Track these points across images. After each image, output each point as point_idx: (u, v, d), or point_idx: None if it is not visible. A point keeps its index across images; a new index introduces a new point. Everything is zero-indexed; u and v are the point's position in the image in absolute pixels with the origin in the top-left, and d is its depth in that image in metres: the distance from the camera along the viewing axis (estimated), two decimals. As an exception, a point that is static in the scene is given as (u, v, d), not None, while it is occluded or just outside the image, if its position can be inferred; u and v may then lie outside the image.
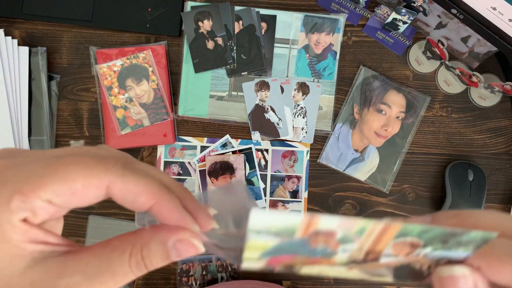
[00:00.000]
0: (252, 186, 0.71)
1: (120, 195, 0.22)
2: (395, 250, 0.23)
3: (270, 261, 0.24)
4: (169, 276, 0.71)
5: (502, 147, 0.73)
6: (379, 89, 0.72)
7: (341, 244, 0.23)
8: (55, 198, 0.21)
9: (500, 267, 0.21)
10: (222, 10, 0.70)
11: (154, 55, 0.70)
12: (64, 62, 0.72)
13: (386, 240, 0.22)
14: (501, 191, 0.73)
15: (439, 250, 0.23)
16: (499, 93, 0.72)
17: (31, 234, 0.21)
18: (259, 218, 0.21)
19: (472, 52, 0.70)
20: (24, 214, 0.20)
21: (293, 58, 0.71)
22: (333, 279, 0.72)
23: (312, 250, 0.23)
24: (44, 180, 0.20)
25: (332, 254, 0.23)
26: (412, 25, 0.72)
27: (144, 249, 0.22)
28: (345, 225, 0.21)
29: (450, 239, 0.22)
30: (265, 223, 0.21)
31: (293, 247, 0.22)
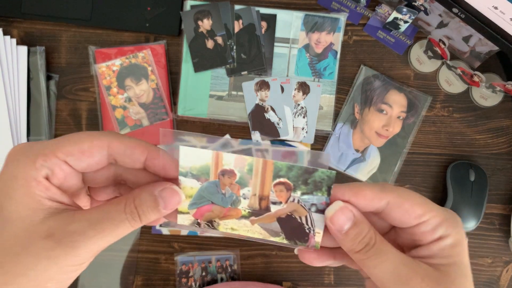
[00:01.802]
0: (252, 187, 0.71)
1: (120, 151, 0.28)
2: (277, 194, 0.29)
3: (196, 213, 0.29)
4: (168, 277, 0.71)
5: (504, 147, 0.73)
6: (380, 89, 0.71)
7: (241, 188, 0.29)
8: (68, 157, 0.26)
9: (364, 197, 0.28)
10: (222, 9, 0.70)
11: (153, 54, 0.70)
12: (63, 62, 0.71)
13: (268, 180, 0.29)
14: (503, 191, 0.72)
15: (306, 195, 0.29)
16: (500, 93, 0.71)
17: (50, 193, 0.26)
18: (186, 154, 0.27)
19: (474, 51, 0.70)
20: (46, 172, 0.26)
21: (293, 58, 0.71)
22: (334, 280, 0.72)
23: (223, 198, 0.29)
24: (59, 145, 0.26)
25: (237, 201, 0.29)
26: (413, 25, 0.71)
27: (136, 199, 0.27)
28: (239, 161, 0.28)
29: (308, 179, 0.28)
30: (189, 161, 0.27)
31: (210, 193, 0.29)
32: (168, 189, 0.28)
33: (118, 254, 0.70)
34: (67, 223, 0.25)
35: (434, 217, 0.27)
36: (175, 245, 0.71)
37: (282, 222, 0.30)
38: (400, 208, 0.28)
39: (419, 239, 0.28)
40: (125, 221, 0.26)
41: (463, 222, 0.68)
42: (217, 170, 0.28)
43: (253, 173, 0.29)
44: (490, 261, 0.72)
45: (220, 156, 0.28)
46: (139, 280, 0.71)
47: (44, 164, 0.26)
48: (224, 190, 0.29)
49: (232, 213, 0.30)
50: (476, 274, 0.72)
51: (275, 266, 0.71)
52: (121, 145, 0.28)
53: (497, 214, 0.72)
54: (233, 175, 0.29)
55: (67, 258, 0.25)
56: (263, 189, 0.29)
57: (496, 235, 0.72)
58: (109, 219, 0.26)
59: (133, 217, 0.27)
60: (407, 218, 0.28)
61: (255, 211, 0.30)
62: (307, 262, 0.32)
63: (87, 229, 0.25)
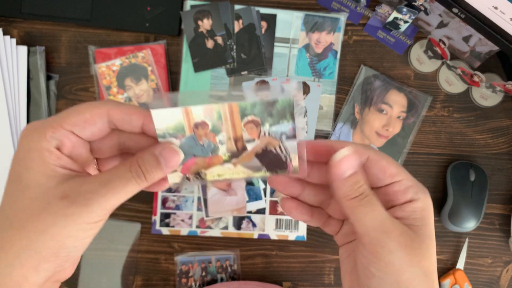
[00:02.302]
0: (252, 186, 0.71)
1: (119, 117, 0.30)
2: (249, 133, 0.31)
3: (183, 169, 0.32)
4: (168, 277, 0.71)
5: (504, 147, 0.73)
6: (380, 89, 0.71)
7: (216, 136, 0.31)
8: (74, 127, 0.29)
9: None
10: (222, 9, 0.70)
11: (153, 54, 0.70)
12: (62, 62, 0.71)
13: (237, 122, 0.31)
14: (503, 191, 0.72)
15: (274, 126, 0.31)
16: (500, 93, 0.71)
17: (61, 161, 0.29)
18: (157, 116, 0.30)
19: (474, 51, 0.70)
20: (56, 142, 0.29)
21: (293, 58, 0.71)
22: (334, 280, 0.72)
23: (202, 149, 0.32)
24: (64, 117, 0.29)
25: (216, 149, 0.32)
26: (413, 24, 0.71)
27: (139, 159, 0.29)
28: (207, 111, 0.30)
29: (271, 111, 0.31)
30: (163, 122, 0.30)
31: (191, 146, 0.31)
32: (167, 148, 0.30)
33: (118, 254, 0.70)
34: (80, 185, 0.28)
35: (406, 179, 0.31)
36: (175, 245, 0.71)
37: (260, 157, 0.32)
38: (377, 164, 0.31)
39: (392, 200, 0.31)
40: (132, 180, 0.29)
41: (464, 222, 0.69)
42: (190, 124, 0.31)
43: (223, 118, 0.31)
44: (490, 261, 0.72)
45: (189, 111, 0.30)
46: (139, 280, 0.71)
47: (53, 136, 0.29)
48: (202, 141, 0.31)
49: (214, 161, 0.32)
50: (476, 274, 0.72)
51: (275, 266, 0.71)
52: (119, 112, 0.30)
53: (497, 214, 0.72)
54: (205, 125, 0.31)
55: (82, 215, 0.27)
56: (235, 131, 0.31)
57: (496, 235, 0.72)
58: (117, 178, 0.28)
59: (139, 175, 0.29)
60: (382, 175, 0.31)
61: (234, 153, 0.32)
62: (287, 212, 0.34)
63: (98, 188, 0.28)
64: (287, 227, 0.71)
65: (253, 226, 0.71)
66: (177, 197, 0.71)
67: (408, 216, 0.30)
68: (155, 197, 0.71)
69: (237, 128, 0.31)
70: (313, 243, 0.71)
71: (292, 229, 0.71)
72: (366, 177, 0.31)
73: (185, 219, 0.71)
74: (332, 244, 0.71)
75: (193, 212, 0.71)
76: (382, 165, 0.31)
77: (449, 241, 0.72)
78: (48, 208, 0.27)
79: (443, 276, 0.71)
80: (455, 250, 0.72)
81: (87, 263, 0.69)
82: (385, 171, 0.31)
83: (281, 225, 0.71)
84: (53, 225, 0.27)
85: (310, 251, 0.71)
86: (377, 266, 0.29)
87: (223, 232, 0.71)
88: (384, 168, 0.31)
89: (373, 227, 0.29)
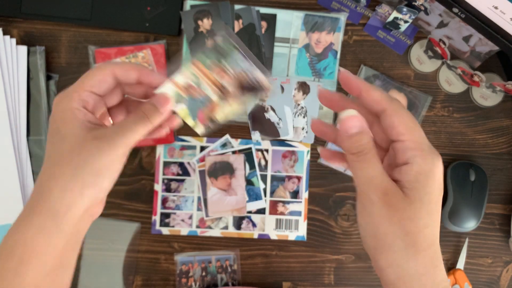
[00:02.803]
0: (252, 186, 0.71)
1: (121, 73, 0.39)
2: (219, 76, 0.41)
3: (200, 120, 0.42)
4: (168, 277, 0.71)
5: (504, 147, 0.73)
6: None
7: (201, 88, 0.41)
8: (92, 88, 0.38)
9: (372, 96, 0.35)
10: (222, 9, 0.70)
11: (153, 54, 0.70)
12: (62, 62, 0.71)
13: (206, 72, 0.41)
14: (503, 191, 0.72)
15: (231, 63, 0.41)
16: (500, 93, 0.71)
17: (88, 117, 0.37)
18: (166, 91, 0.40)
19: (474, 51, 0.70)
20: (82, 103, 0.37)
21: (293, 57, 0.71)
22: (334, 280, 0.72)
23: (201, 100, 0.42)
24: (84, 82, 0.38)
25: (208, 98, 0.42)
26: (413, 24, 0.71)
27: (142, 108, 0.39)
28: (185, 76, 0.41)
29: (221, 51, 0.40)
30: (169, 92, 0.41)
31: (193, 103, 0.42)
32: (157, 95, 0.40)
33: (118, 254, 0.70)
34: (105, 130, 0.37)
35: (409, 141, 0.32)
36: (175, 245, 0.71)
37: (243, 89, 0.42)
38: (389, 120, 0.33)
39: (394, 159, 0.34)
40: (140, 122, 0.38)
41: (464, 222, 0.69)
42: (182, 90, 0.41)
43: (196, 74, 0.41)
44: (490, 261, 0.72)
45: (176, 81, 0.41)
46: (139, 280, 0.71)
47: (79, 97, 0.37)
48: (196, 97, 0.42)
49: (214, 105, 0.42)
50: (476, 274, 0.72)
51: (275, 266, 0.71)
52: (121, 69, 0.39)
53: (497, 214, 0.72)
54: (191, 86, 0.41)
55: (111, 149, 0.36)
56: (209, 78, 0.41)
57: (496, 235, 0.72)
58: (130, 122, 0.38)
59: (144, 118, 0.38)
60: (390, 130, 0.33)
61: (221, 95, 0.42)
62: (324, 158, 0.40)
63: (118, 130, 0.37)
64: (287, 227, 0.71)
65: (253, 226, 0.71)
66: (177, 197, 0.71)
67: (401, 178, 0.32)
68: (155, 197, 0.71)
69: (209, 76, 0.41)
70: (313, 243, 0.71)
71: (292, 229, 0.71)
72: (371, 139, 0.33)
73: (185, 219, 0.71)
74: (332, 244, 0.72)
75: (193, 212, 0.71)
76: (393, 121, 0.33)
77: (449, 241, 0.72)
78: (85, 147, 0.35)
79: (443, 276, 0.71)
80: (455, 250, 0.72)
81: (87, 263, 0.69)
82: (393, 128, 0.33)
83: (281, 225, 0.71)
84: (91, 158, 0.35)
85: (310, 251, 0.71)
86: (362, 216, 0.33)
87: (223, 232, 0.71)
88: (393, 124, 0.33)
89: (364, 181, 0.32)
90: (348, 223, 0.72)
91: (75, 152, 0.35)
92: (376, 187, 0.31)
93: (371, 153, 0.32)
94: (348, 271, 0.72)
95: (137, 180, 0.71)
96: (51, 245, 0.35)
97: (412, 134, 0.32)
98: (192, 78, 0.41)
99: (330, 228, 0.71)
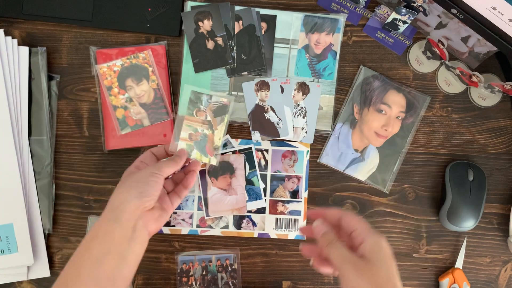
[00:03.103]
0: (252, 186, 0.71)
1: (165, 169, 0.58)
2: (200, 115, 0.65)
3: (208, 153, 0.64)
4: (169, 276, 0.71)
5: (502, 147, 0.73)
6: (379, 89, 0.72)
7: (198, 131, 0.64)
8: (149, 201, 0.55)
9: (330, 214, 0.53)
10: (222, 10, 0.70)
11: (154, 55, 0.70)
12: (64, 62, 0.72)
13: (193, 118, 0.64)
14: (501, 191, 0.73)
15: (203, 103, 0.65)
16: (499, 93, 0.72)
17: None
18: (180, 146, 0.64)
19: (472, 52, 0.70)
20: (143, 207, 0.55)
21: (293, 58, 0.71)
22: (333, 279, 0.72)
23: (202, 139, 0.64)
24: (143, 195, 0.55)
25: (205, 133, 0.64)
26: (412, 25, 0.72)
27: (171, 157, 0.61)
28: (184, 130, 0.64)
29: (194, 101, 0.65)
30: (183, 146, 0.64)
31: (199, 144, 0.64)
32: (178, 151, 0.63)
33: (119, 254, 0.71)
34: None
35: (359, 229, 0.48)
36: (176, 244, 0.71)
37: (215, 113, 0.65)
38: (345, 220, 0.50)
39: (354, 242, 0.48)
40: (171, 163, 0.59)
41: (462, 222, 0.69)
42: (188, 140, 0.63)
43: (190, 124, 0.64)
44: (489, 261, 0.73)
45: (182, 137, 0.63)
46: (140, 279, 0.71)
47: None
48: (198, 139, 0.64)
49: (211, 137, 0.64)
50: (474, 273, 0.72)
51: (275, 265, 0.72)
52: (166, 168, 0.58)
53: (496, 213, 0.73)
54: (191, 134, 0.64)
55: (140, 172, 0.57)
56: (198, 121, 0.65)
57: (494, 234, 0.73)
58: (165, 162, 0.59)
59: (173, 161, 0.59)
60: (347, 227, 0.49)
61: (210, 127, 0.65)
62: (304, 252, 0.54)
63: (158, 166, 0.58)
64: (287, 227, 0.71)
65: (253, 225, 0.71)
66: (177, 197, 0.71)
67: (362, 252, 0.46)
68: (156, 196, 0.71)
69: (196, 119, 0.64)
70: (312, 243, 0.71)
71: (292, 228, 0.72)
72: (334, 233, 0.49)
73: (185, 219, 0.71)
74: (331, 244, 0.72)
75: (193, 211, 0.71)
76: (347, 220, 0.49)
77: (448, 240, 0.72)
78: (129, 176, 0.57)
79: (442, 275, 0.71)
80: (453, 250, 0.72)
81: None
82: (349, 224, 0.49)
83: (281, 224, 0.71)
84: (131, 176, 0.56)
85: (309, 250, 0.72)
86: (344, 283, 0.46)
87: (224, 231, 0.71)
88: (348, 223, 0.49)
89: (338, 260, 0.46)
90: (348, 222, 0.72)
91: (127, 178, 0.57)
92: (347, 261, 0.45)
93: (336, 242, 0.47)
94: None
95: (138, 180, 0.71)
96: (110, 229, 0.51)
97: (361, 225, 0.48)
98: (189, 129, 0.63)
99: (329, 228, 0.72)
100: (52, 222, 0.70)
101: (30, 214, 0.69)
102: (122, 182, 0.56)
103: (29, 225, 0.68)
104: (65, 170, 0.71)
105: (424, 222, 0.73)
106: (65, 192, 0.71)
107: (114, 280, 0.50)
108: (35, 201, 0.69)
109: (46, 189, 0.70)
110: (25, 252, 0.68)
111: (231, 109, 0.67)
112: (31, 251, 0.68)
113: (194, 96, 0.62)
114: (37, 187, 0.70)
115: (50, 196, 0.70)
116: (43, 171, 0.70)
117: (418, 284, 0.72)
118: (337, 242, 0.47)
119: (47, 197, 0.70)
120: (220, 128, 0.63)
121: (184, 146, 0.62)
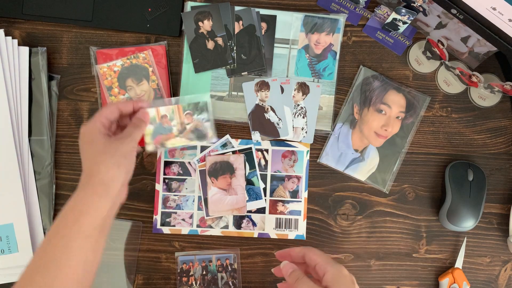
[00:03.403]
0: (252, 186, 0.71)
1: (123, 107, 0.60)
2: (187, 119, 0.64)
3: (155, 142, 0.63)
4: (169, 276, 0.71)
5: (502, 147, 0.73)
6: (379, 89, 0.72)
7: (171, 121, 0.64)
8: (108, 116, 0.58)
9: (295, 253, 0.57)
10: (222, 10, 0.70)
11: (154, 55, 0.70)
12: (64, 62, 0.72)
13: (181, 114, 0.64)
14: (501, 191, 0.73)
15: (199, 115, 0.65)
16: (499, 93, 0.72)
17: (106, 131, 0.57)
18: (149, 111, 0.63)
19: (472, 52, 0.70)
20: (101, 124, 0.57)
21: (293, 58, 0.72)
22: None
23: (165, 128, 0.63)
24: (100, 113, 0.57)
25: (171, 129, 0.64)
26: (412, 25, 0.72)
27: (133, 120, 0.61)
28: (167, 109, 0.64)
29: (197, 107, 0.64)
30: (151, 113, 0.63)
31: (159, 128, 0.63)
32: (141, 111, 0.62)
33: (119, 254, 0.71)
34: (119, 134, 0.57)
35: (321, 262, 0.53)
36: (176, 244, 0.72)
37: (194, 132, 0.65)
38: (308, 256, 0.55)
39: (318, 275, 0.53)
40: (135, 129, 0.59)
41: (462, 222, 0.69)
42: (159, 116, 0.63)
43: (174, 113, 0.64)
44: (489, 260, 0.73)
45: (158, 110, 0.63)
46: (140, 279, 0.71)
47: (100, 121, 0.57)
48: (164, 125, 0.64)
49: (171, 136, 0.64)
50: (474, 273, 0.73)
51: (275, 265, 0.72)
52: (123, 105, 0.60)
53: (496, 213, 0.73)
54: (165, 117, 0.64)
55: (127, 141, 0.56)
56: (180, 118, 0.64)
57: (494, 234, 0.73)
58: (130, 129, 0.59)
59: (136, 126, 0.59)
60: (310, 261, 0.54)
61: (181, 131, 0.64)
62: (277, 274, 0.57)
63: (127, 132, 0.58)
64: (287, 226, 0.72)
65: (253, 225, 0.72)
66: (177, 197, 0.71)
67: (326, 283, 0.51)
68: (156, 196, 0.71)
69: (181, 117, 0.64)
70: (312, 243, 0.72)
71: (292, 228, 0.72)
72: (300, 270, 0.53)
73: (185, 218, 0.71)
74: (331, 243, 0.72)
75: (193, 211, 0.71)
76: (310, 256, 0.54)
77: (448, 240, 0.73)
78: (112, 143, 0.55)
79: (441, 275, 0.72)
80: (453, 249, 0.73)
81: (89, 262, 0.70)
82: (311, 259, 0.54)
83: (281, 224, 0.72)
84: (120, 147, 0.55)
85: (309, 250, 0.72)
86: None
87: (224, 231, 0.71)
88: (311, 258, 0.54)
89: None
90: (347, 222, 0.72)
91: (107, 147, 0.54)
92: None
93: (303, 278, 0.52)
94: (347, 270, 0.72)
95: (139, 180, 0.72)
96: (101, 205, 0.52)
97: (321, 258, 0.53)
98: (170, 113, 0.64)
99: (329, 227, 0.72)
100: (52, 222, 0.70)
101: (30, 214, 0.69)
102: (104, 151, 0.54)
103: (30, 225, 0.68)
104: (65, 170, 0.71)
105: (424, 222, 0.73)
106: (65, 192, 0.71)
107: None
108: (35, 201, 0.69)
109: (46, 189, 0.70)
110: (25, 252, 0.68)
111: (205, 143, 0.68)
112: (31, 251, 0.68)
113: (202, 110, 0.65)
114: (37, 187, 0.70)
115: (50, 196, 0.70)
116: (43, 171, 0.70)
117: (418, 284, 0.72)
118: (304, 278, 0.51)
119: (47, 197, 0.70)
120: (182, 141, 0.64)
121: (151, 114, 0.63)
